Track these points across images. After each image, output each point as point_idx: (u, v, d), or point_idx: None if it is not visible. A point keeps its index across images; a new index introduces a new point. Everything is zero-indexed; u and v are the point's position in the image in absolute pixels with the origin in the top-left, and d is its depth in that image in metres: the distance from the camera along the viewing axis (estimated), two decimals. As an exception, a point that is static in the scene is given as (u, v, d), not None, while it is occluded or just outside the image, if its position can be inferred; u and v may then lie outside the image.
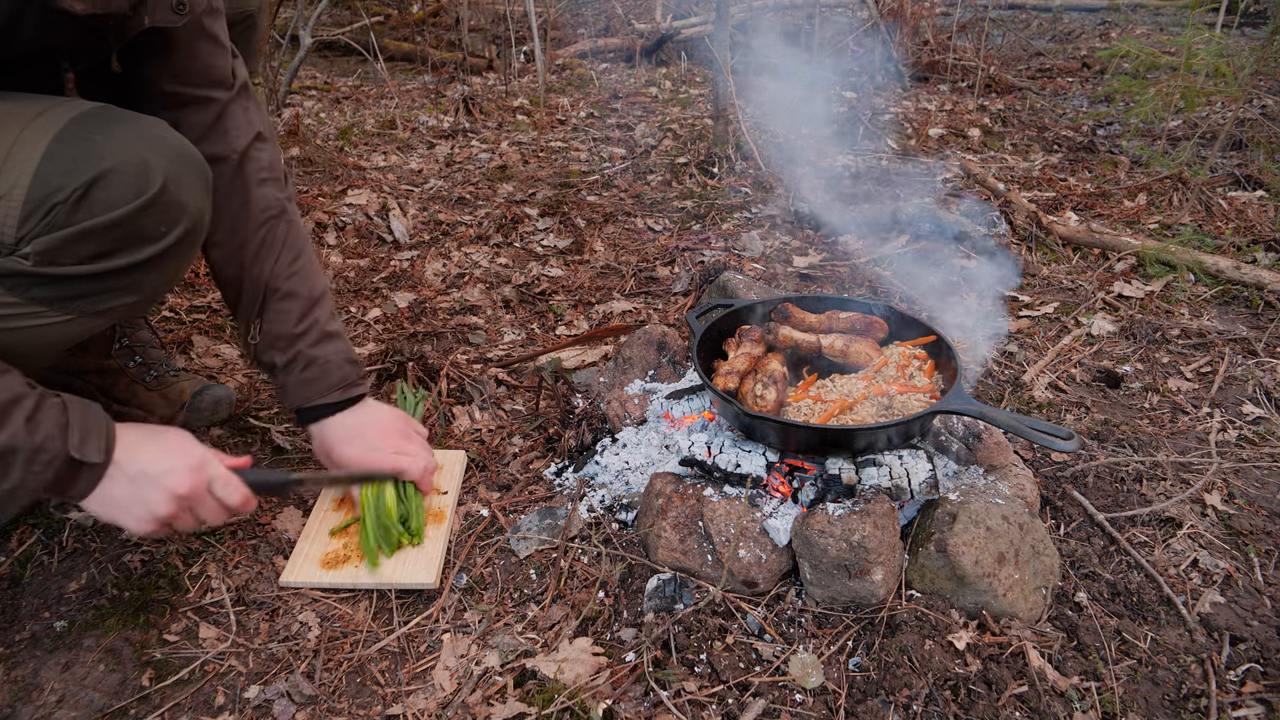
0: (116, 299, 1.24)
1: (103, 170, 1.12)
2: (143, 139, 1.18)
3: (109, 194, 1.13)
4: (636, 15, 6.77)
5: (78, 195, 1.11)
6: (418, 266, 2.83)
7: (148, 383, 1.84)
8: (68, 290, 1.18)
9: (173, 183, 1.19)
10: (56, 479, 1.17)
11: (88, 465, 1.19)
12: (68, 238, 1.12)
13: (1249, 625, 1.45)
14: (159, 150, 1.19)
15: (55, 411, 1.17)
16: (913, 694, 1.28)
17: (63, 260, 1.14)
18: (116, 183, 1.13)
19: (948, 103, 5.06)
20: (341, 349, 1.62)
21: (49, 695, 1.29)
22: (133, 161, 1.15)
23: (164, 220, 1.20)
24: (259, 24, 1.73)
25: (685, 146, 4.02)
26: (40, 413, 1.15)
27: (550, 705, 1.26)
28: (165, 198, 1.18)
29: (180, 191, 1.21)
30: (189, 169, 1.24)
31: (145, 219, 1.17)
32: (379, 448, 1.59)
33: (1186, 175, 3.45)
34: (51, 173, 1.10)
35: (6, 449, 1.11)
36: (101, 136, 1.15)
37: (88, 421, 1.20)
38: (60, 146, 1.12)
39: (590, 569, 1.56)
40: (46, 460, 1.14)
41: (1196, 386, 2.20)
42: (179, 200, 1.21)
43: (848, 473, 1.54)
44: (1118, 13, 7.75)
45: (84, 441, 1.18)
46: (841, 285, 2.76)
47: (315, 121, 4.29)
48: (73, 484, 1.19)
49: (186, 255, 1.31)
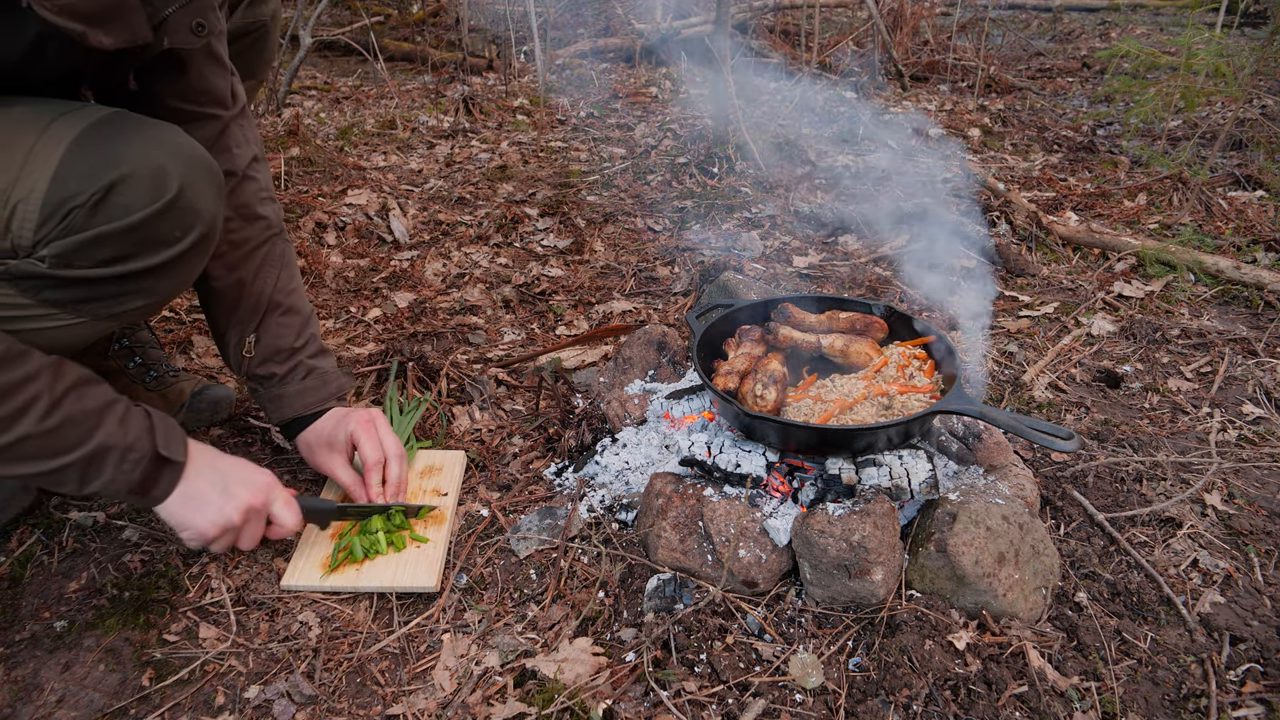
0: (129, 302, 1.26)
1: (120, 175, 1.13)
2: (159, 145, 1.19)
3: (126, 199, 1.14)
4: (636, 15, 6.77)
5: (95, 199, 1.12)
6: (418, 266, 2.83)
7: (147, 383, 1.84)
8: (81, 293, 1.20)
9: (188, 188, 1.20)
10: (143, 478, 1.27)
11: (171, 464, 1.30)
12: (84, 241, 1.13)
13: (1249, 625, 1.45)
14: (175, 156, 1.20)
15: (141, 415, 1.28)
16: (913, 694, 1.28)
17: (78, 263, 1.15)
18: (133, 188, 1.14)
19: (948, 103, 5.06)
20: (334, 362, 1.71)
21: (49, 695, 1.29)
22: (149, 167, 1.16)
23: (179, 225, 1.22)
24: (271, 34, 1.74)
25: (685, 146, 4.02)
26: (130, 416, 1.25)
27: (550, 705, 1.26)
28: (181, 203, 1.19)
29: (195, 197, 1.22)
30: (204, 175, 1.25)
31: (161, 224, 1.19)
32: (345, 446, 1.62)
33: (1186, 175, 3.45)
34: (69, 177, 1.11)
35: (101, 448, 1.21)
36: (119, 142, 1.15)
37: (168, 425, 1.31)
38: (78, 151, 1.12)
39: (590, 569, 1.56)
40: (136, 459, 1.24)
41: (1196, 386, 2.20)
42: (194, 205, 1.22)
43: (848, 473, 1.54)
44: (1118, 13, 7.75)
45: (169, 442, 1.29)
46: (841, 285, 2.77)
47: (315, 121, 4.29)
48: (156, 484, 1.29)
49: (200, 260, 1.32)
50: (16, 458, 1.17)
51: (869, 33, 5.58)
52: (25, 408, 1.14)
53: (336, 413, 1.64)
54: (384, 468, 1.61)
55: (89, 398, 1.22)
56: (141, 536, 1.58)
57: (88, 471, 1.22)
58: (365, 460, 1.59)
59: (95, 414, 1.21)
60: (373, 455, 1.59)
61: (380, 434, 1.61)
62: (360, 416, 1.62)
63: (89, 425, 1.20)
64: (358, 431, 1.59)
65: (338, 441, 1.60)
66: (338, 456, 1.61)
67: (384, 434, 1.62)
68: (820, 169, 3.82)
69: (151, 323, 1.99)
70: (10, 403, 1.12)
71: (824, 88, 5.16)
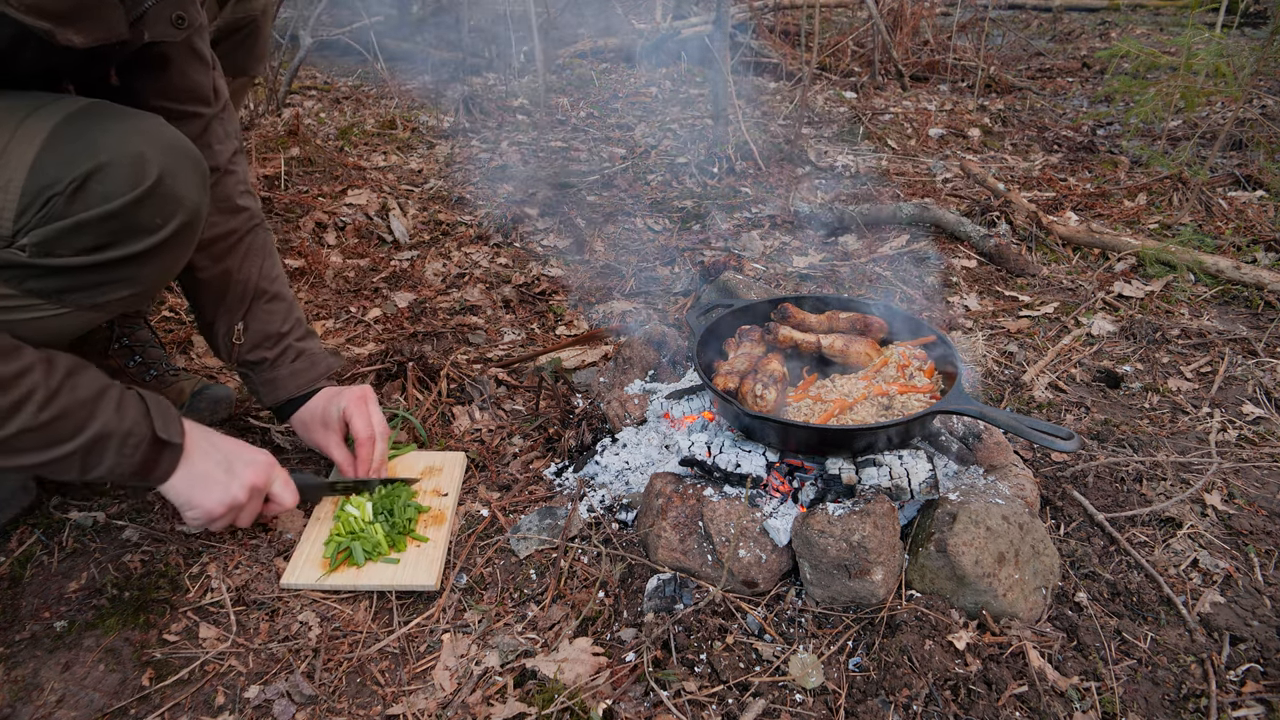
0: (113, 292, 1.25)
1: (99, 163, 1.13)
2: (139, 133, 1.19)
3: (105, 186, 1.14)
4: (636, 15, 6.77)
5: (74, 187, 1.11)
6: (418, 266, 2.83)
7: (147, 382, 1.84)
8: (64, 282, 1.19)
9: (169, 176, 1.20)
10: (144, 462, 1.28)
11: (171, 446, 1.32)
12: (64, 229, 1.13)
13: (1249, 625, 1.45)
14: (155, 144, 1.20)
15: (135, 399, 1.29)
16: (913, 694, 1.28)
17: (59, 252, 1.15)
18: (112, 175, 1.14)
19: (948, 103, 5.06)
20: (319, 343, 1.74)
21: (49, 695, 1.29)
22: (129, 154, 1.16)
23: (160, 212, 1.21)
24: (262, 29, 1.75)
25: (685, 146, 4.02)
26: (125, 401, 1.27)
27: (550, 705, 1.26)
28: (161, 190, 1.19)
29: (176, 184, 1.22)
30: (185, 163, 1.24)
31: (141, 211, 1.18)
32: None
33: (1186, 175, 3.45)
34: (48, 165, 1.11)
35: (100, 435, 1.22)
36: (98, 131, 1.15)
37: (163, 407, 1.32)
38: (57, 140, 1.12)
39: (590, 569, 1.56)
40: (135, 443, 1.26)
41: (1196, 386, 2.20)
42: (175, 193, 1.22)
43: (848, 473, 1.54)
44: (1118, 13, 7.75)
45: (166, 424, 1.30)
46: (841, 285, 2.76)
47: (315, 121, 4.28)
48: (157, 465, 1.31)
49: (183, 249, 1.32)
50: (16, 450, 1.18)
51: (869, 32, 5.58)
52: (22, 401, 1.14)
53: (328, 392, 1.69)
54: None
55: (82, 386, 1.22)
56: (141, 536, 1.58)
57: (88, 459, 1.23)
58: (358, 436, 1.64)
59: (91, 402, 1.22)
60: (364, 431, 1.64)
61: (370, 411, 1.66)
62: (353, 394, 1.67)
63: (86, 414, 1.21)
64: (350, 408, 1.64)
65: (331, 419, 1.65)
66: (332, 435, 1.66)
67: (374, 411, 1.67)
68: (820, 169, 3.82)
69: (152, 322, 1.99)
70: (7, 396, 1.13)
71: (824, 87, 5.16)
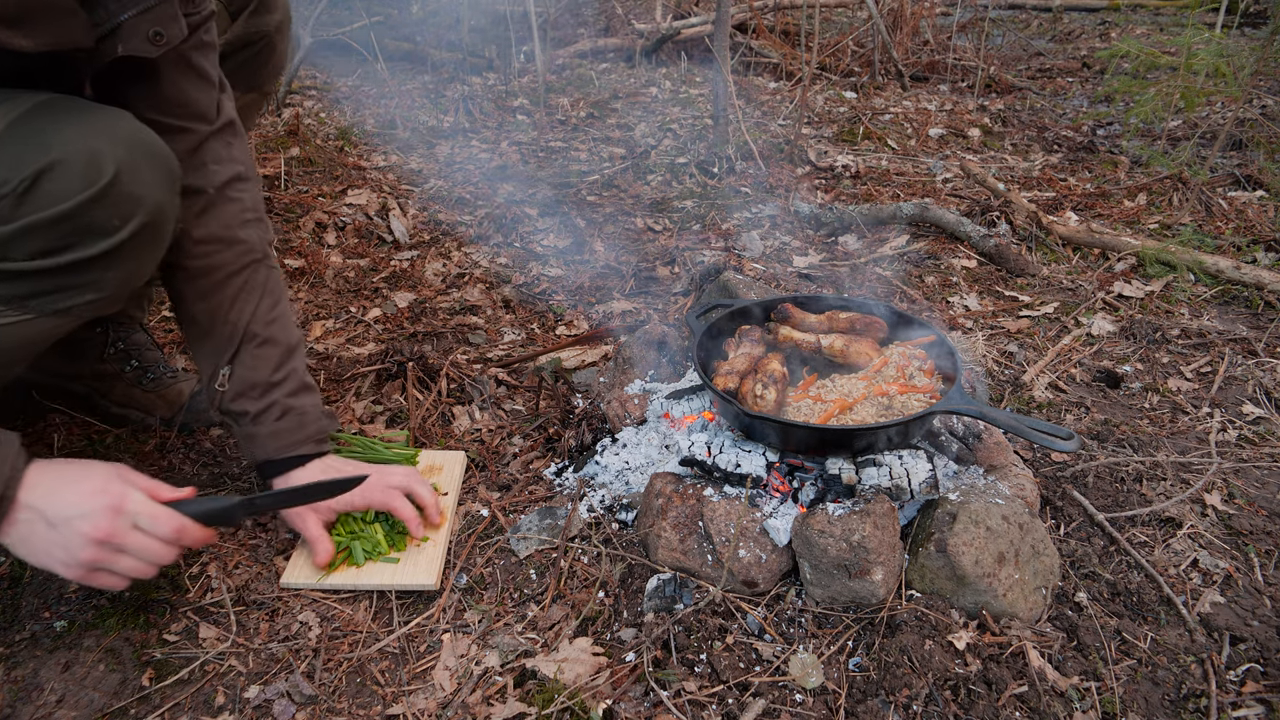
0: (76, 296, 1.19)
1: (50, 161, 1.07)
2: (96, 129, 1.13)
3: (57, 185, 1.08)
4: (636, 15, 6.77)
5: (24, 188, 1.06)
6: (418, 266, 2.83)
7: (145, 385, 1.84)
8: (22, 288, 1.14)
9: (126, 173, 1.13)
10: None
11: None
12: (14, 233, 1.08)
13: (1249, 625, 1.45)
14: (113, 139, 1.13)
15: None
16: (913, 694, 1.28)
17: (12, 256, 1.10)
18: (65, 174, 1.08)
19: (948, 103, 5.06)
20: (317, 401, 1.57)
21: (49, 695, 1.29)
22: (83, 151, 1.09)
23: (117, 213, 1.14)
24: (277, 45, 1.68)
25: (685, 146, 4.02)
26: None
27: (550, 705, 1.26)
28: (118, 189, 1.12)
29: (135, 183, 1.15)
30: (146, 159, 1.18)
31: (96, 211, 1.12)
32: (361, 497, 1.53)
33: (1186, 175, 3.45)
34: None
35: None
36: (51, 128, 1.10)
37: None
38: (7, 139, 1.07)
39: (590, 569, 1.56)
40: None
41: (1196, 386, 2.20)
42: (133, 192, 1.15)
43: (848, 473, 1.54)
44: (1118, 13, 7.75)
45: None
46: (841, 285, 2.76)
47: (315, 121, 4.28)
48: None
49: (148, 251, 1.25)
50: None
51: (869, 32, 5.58)
52: None
53: (326, 465, 1.54)
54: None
55: None
56: (141, 536, 1.58)
57: None
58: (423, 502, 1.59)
59: None
60: (429, 496, 1.59)
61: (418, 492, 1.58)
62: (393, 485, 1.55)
63: None
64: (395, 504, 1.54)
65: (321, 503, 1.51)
66: (309, 514, 1.50)
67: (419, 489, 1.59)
68: (820, 169, 3.81)
69: (148, 324, 1.98)
70: None
71: (824, 87, 5.15)
